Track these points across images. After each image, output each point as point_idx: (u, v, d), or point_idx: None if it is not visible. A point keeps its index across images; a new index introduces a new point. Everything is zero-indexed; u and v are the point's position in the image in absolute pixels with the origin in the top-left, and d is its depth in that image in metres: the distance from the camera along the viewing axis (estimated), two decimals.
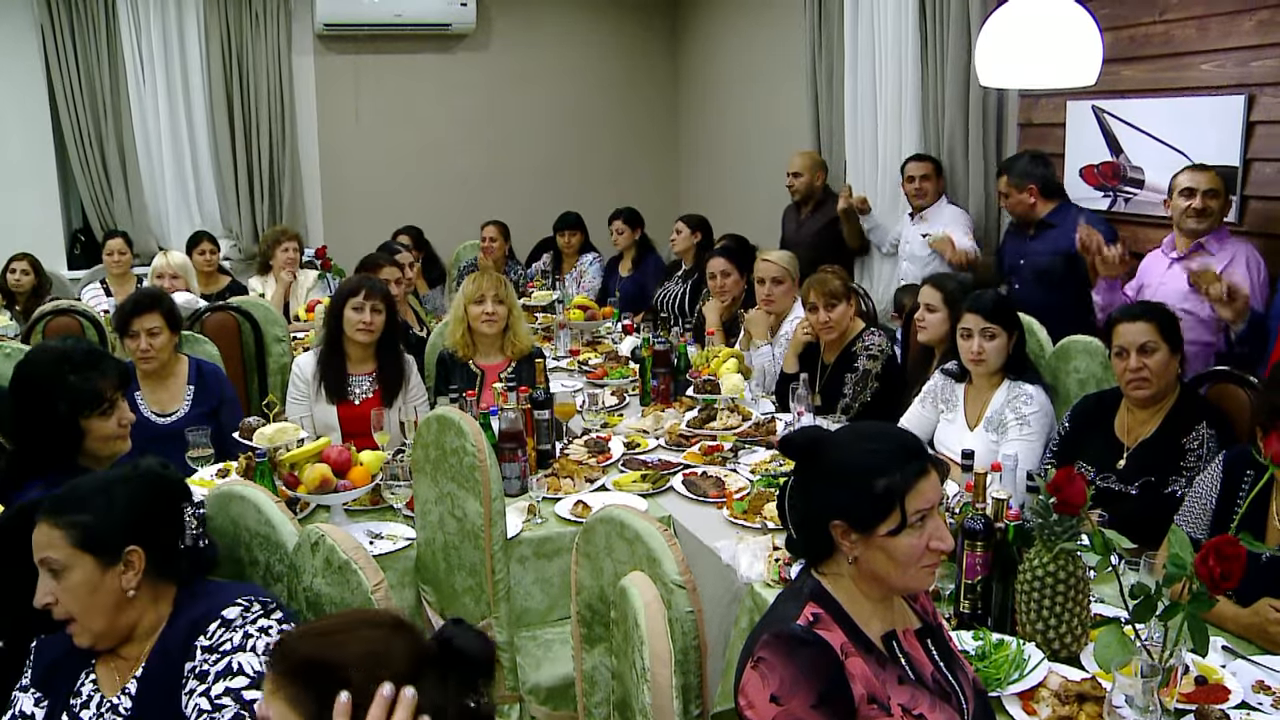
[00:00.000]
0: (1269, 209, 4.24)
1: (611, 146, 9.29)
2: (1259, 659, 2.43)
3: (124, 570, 2.04)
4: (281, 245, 6.55)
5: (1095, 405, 3.54)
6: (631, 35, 9.28)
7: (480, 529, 3.00)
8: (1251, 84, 4.33)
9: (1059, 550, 2.37)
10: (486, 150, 8.93)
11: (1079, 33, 3.51)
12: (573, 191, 8.41)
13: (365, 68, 8.56)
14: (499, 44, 8.91)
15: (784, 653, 1.83)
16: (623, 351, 5.33)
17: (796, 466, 2.01)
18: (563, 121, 9.13)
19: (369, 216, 8.20)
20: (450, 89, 8.82)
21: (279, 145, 8.16)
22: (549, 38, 9.00)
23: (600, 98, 9.23)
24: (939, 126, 5.80)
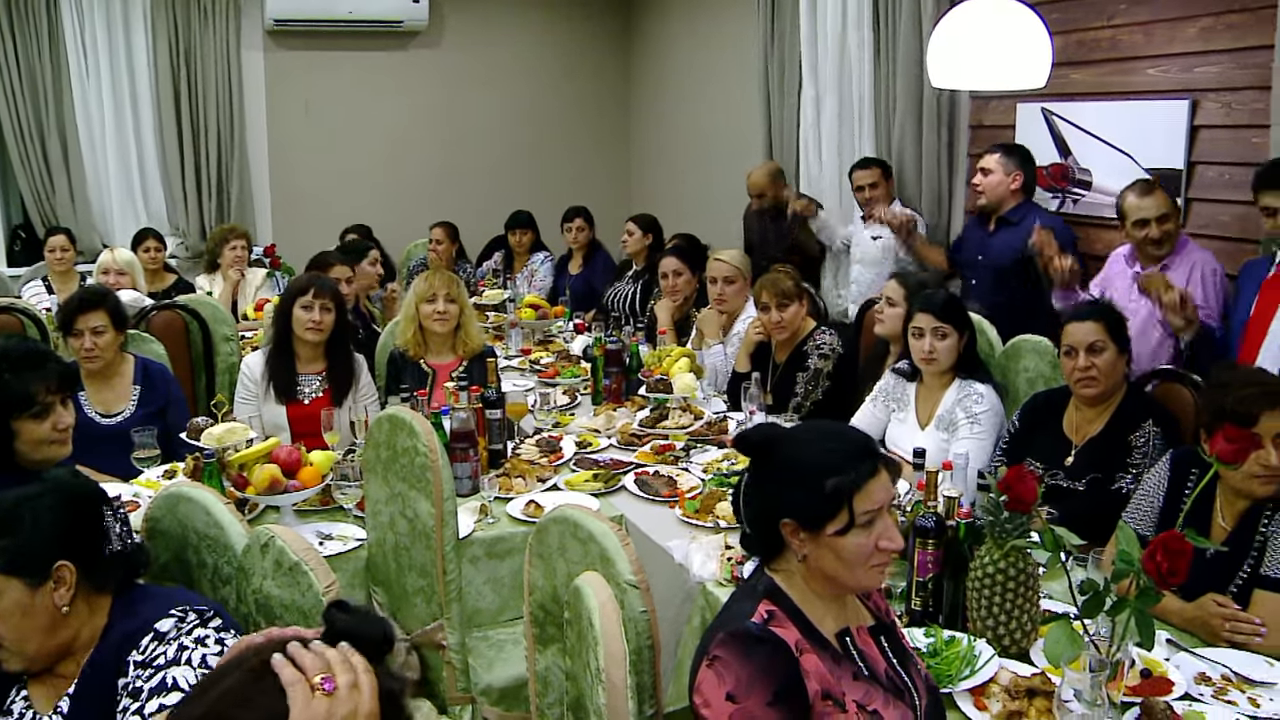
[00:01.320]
0: (1212, 211, 4.30)
1: (563, 145, 9.27)
2: (1201, 652, 2.48)
3: (55, 587, 1.96)
4: (229, 243, 6.47)
5: (1044, 404, 3.58)
6: (584, 34, 9.27)
7: (431, 529, 2.98)
8: (1195, 89, 4.40)
9: (1009, 547, 2.39)
10: (438, 148, 8.89)
11: (1029, 36, 3.56)
12: (524, 190, 8.38)
13: (316, 64, 8.48)
14: (451, 41, 8.87)
15: (739, 651, 1.84)
16: (574, 351, 5.33)
17: (751, 464, 2.01)
18: (515, 120, 9.10)
19: (319, 214, 8.13)
20: (402, 87, 8.76)
21: (228, 142, 8.06)
22: (501, 36, 8.97)
23: (552, 96, 9.21)
24: (890, 127, 5.84)
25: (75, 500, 2.06)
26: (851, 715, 1.87)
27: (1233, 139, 4.26)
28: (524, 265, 7.24)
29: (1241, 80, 4.20)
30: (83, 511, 2.06)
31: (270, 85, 8.36)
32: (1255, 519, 2.66)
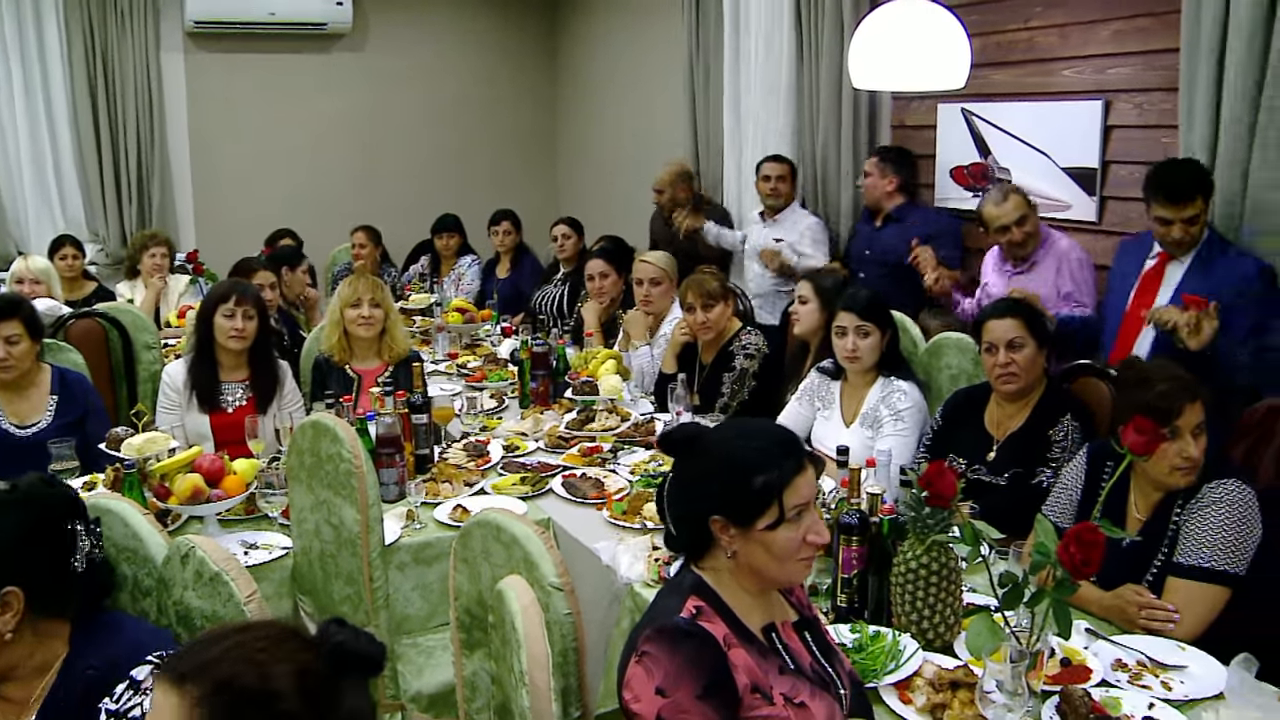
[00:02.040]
0: (1125, 209, 4.40)
1: (490, 148, 9.24)
2: (1118, 639, 2.53)
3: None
4: (150, 250, 6.35)
5: (966, 400, 3.64)
6: (510, 36, 9.25)
7: (357, 536, 2.96)
8: (1108, 90, 4.50)
9: (931, 542, 2.42)
10: (364, 152, 8.82)
11: (948, 38, 3.61)
12: (451, 193, 8.35)
13: (238, 67, 8.37)
14: (376, 44, 8.80)
15: (668, 645, 1.84)
16: (501, 354, 5.31)
17: (675, 463, 2.02)
18: (441, 123, 9.06)
19: (243, 219, 8.02)
20: (327, 89, 8.68)
21: (148, 146, 7.91)
22: (427, 38, 8.92)
23: (478, 99, 9.18)
24: (813, 128, 5.90)
25: (42, 514, 1.98)
26: (779, 708, 1.88)
27: (1144, 138, 4.36)
28: (451, 269, 7.19)
29: (1152, 82, 4.31)
30: (47, 527, 1.98)
31: (191, 88, 8.24)
32: (1168, 509, 2.73)
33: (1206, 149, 3.87)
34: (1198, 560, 2.61)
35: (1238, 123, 3.74)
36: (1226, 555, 2.59)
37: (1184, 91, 3.94)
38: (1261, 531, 2.65)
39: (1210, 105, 3.83)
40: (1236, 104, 3.72)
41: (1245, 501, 2.64)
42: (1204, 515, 2.65)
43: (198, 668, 1.34)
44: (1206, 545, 2.61)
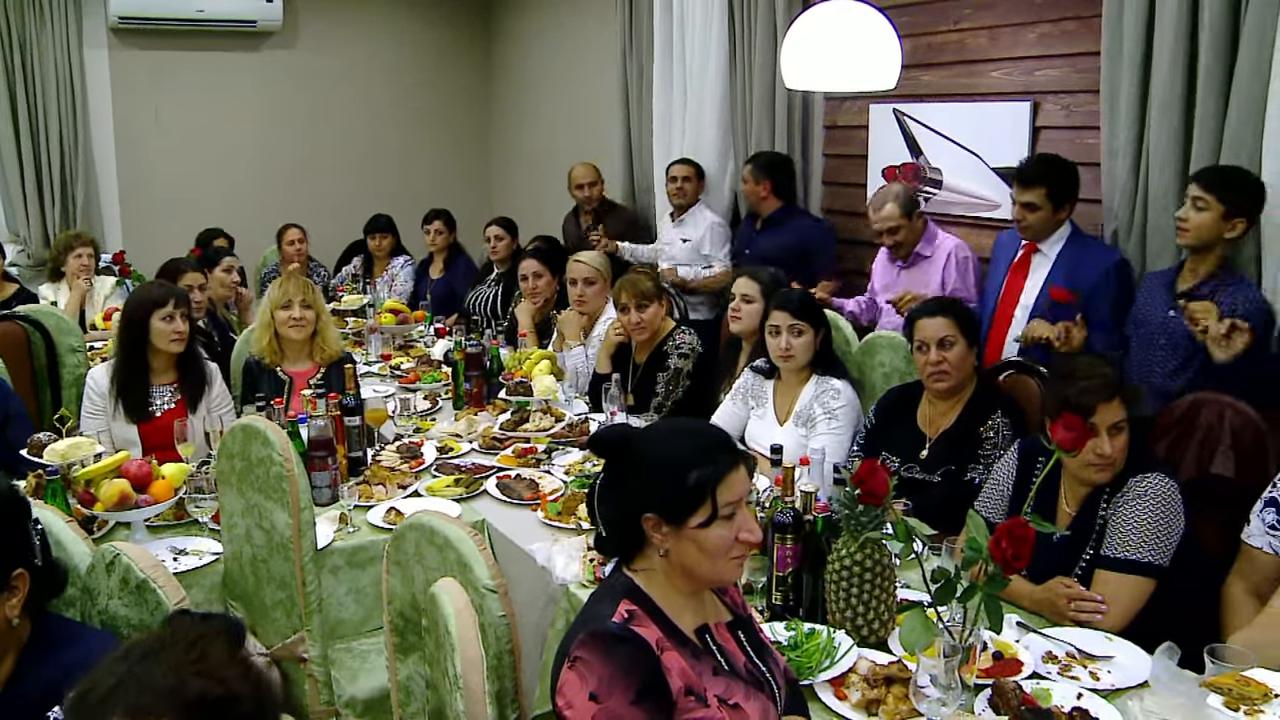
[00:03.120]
0: None
1: (423, 147, 9.18)
2: (1048, 632, 2.57)
3: (8, 597, 1.86)
4: (74, 251, 6.20)
5: (898, 398, 3.68)
6: (443, 35, 9.20)
7: (289, 540, 2.92)
8: (1036, 91, 4.58)
9: (865, 539, 2.44)
10: (295, 151, 8.72)
11: (879, 39, 3.64)
12: (384, 193, 8.28)
13: (165, 64, 8.22)
14: (307, 42, 8.71)
15: (601, 651, 1.84)
16: (435, 355, 5.27)
17: (606, 464, 2.02)
18: (373, 122, 8.99)
19: (171, 220, 7.88)
20: (257, 88, 8.57)
21: (71, 144, 7.73)
22: (359, 36, 8.85)
23: (411, 98, 9.12)
24: (746, 128, 5.93)
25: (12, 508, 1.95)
26: (714, 710, 1.88)
27: (1070, 139, 4.43)
28: (384, 270, 7.13)
29: (1077, 84, 4.38)
30: (19, 520, 1.96)
31: (116, 85, 8.08)
32: (1095, 503, 2.78)
33: (1131, 150, 3.95)
34: (1124, 553, 2.66)
35: (1160, 125, 3.81)
36: (1151, 547, 2.65)
37: (1105, 94, 4.03)
38: (1184, 523, 2.71)
39: (1135, 107, 3.91)
40: (1161, 106, 3.80)
41: (1168, 495, 2.70)
42: (1129, 509, 2.70)
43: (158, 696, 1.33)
44: (1132, 538, 2.66)
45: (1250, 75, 3.52)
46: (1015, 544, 2.06)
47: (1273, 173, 3.47)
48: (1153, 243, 3.92)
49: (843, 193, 5.60)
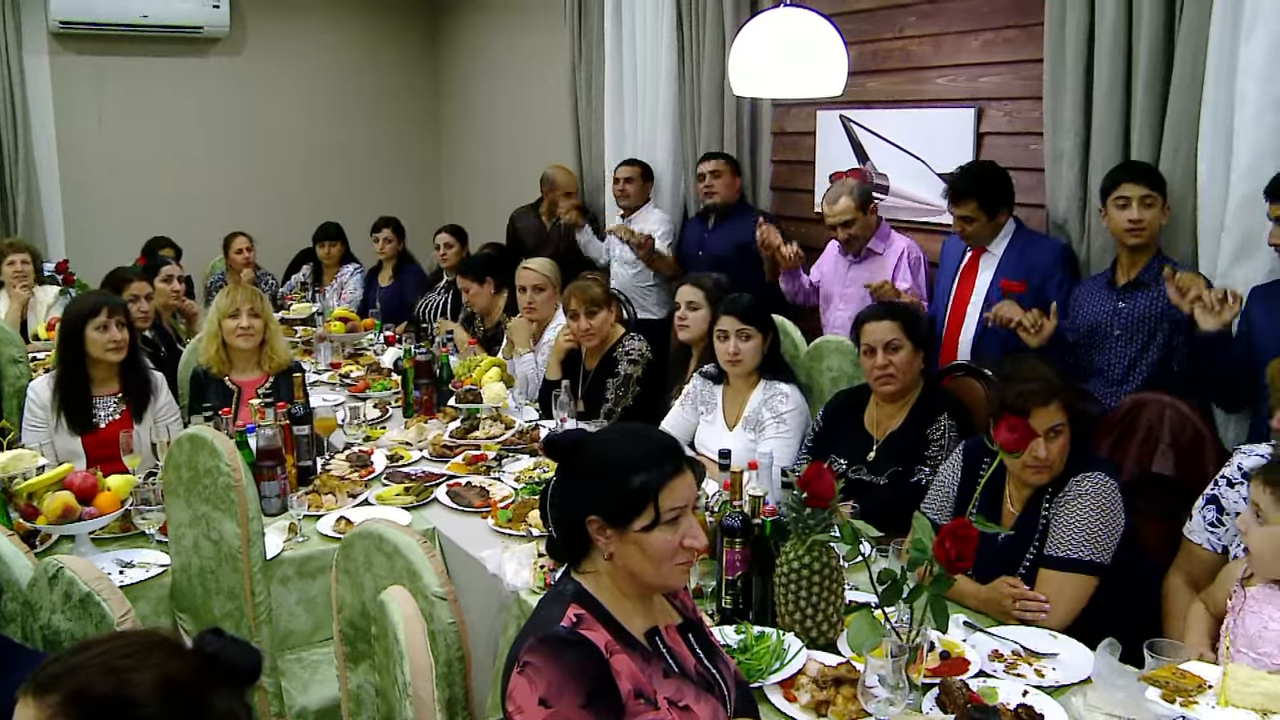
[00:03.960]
0: None
1: (372, 154, 9.14)
2: (994, 631, 2.61)
3: None
4: (7, 258, 6.08)
5: (846, 402, 3.71)
6: (392, 42, 9.16)
7: (238, 551, 2.90)
8: (980, 98, 4.63)
9: (812, 542, 2.46)
10: (242, 158, 8.65)
11: (826, 46, 3.67)
12: (333, 201, 8.22)
13: (108, 70, 8.13)
14: (254, 48, 8.64)
15: (550, 655, 1.84)
16: (385, 363, 5.25)
17: (559, 467, 2.03)
18: (322, 129, 8.92)
19: (116, 228, 7.78)
20: (203, 94, 8.48)
21: (10, 151, 7.59)
22: (307, 43, 8.79)
23: (360, 105, 9.07)
24: (695, 134, 5.96)
25: None
26: (664, 712, 1.89)
27: (1013, 145, 4.49)
28: (333, 278, 7.10)
29: (1020, 90, 4.44)
30: None
31: (58, 91, 7.97)
32: (1038, 503, 2.82)
33: (1074, 156, 4.01)
34: (1066, 552, 2.71)
35: (1102, 130, 3.88)
36: (1092, 546, 2.69)
37: (1048, 101, 4.08)
38: (1125, 521, 2.76)
39: (1077, 113, 3.97)
40: (1102, 113, 3.87)
41: (1109, 493, 2.74)
42: (1071, 508, 2.74)
43: (56, 678, 1.32)
44: (1074, 537, 2.71)
45: (1186, 82, 3.59)
46: (959, 545, 2.09)
47: (1206, 174, 3.55)
48: (1095, 245, 3.98)
49: (791, 198, 5.64)
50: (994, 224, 4.12)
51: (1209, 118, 3.52)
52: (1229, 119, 3.47)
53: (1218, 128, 3.50)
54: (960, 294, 4.24)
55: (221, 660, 1.38)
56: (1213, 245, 3.58)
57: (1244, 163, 3.42)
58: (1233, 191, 3.47)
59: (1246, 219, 3.45)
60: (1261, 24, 3.33)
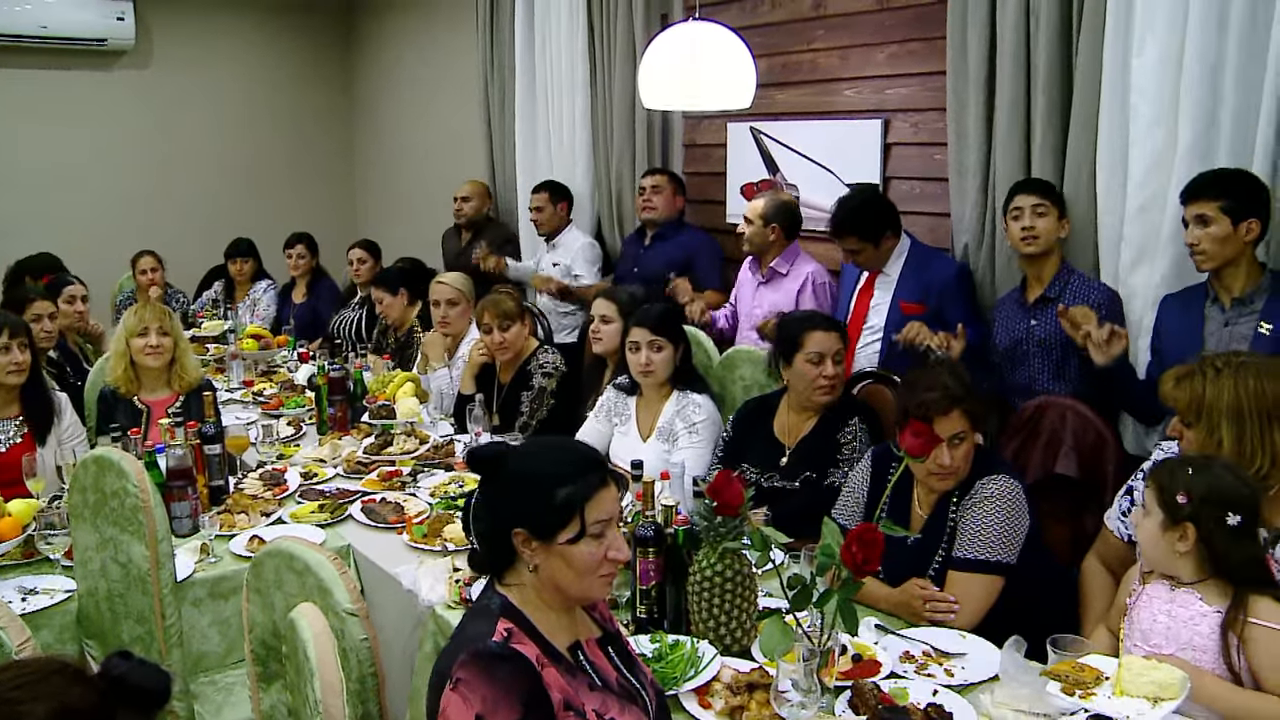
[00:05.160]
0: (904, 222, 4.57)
1: (284, 170, 9.04)
2: (905, 632, 2.66)
3: None
4: None
5: (755, 410, 3.74)
6: (304, 56, 9.07)
7: (147, 573, 2.86)
8: (886, 110, 4.72)
9: (724, 550, 2.49)
10: (149, 174, 8.50)
11: (734, 60, 3.72)
12: (244, 217, 8.12)
13: (6, 83, 7.94)
14: (162, 62, 8.50)
15: (483, 670, 1.83)
16: (299, 380, 5.20)
17: (482, 480, 2.03)
18: (233, 144, 8.81)
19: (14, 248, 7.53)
20: (109, 109, 8.33)
21: None
22: (216, 57, 8.67)
23: (271, 120, 8.97)
24: (608, 148, 5.99)
25: None
26: None
27: (919, 155, 4.59)
28: (246, 294, 7.01)
29: (925, 102, 4.53)
30: None
31: None
32: (946, 506, 2.88)
33: (978, 166, 4.09)
34: (973, 553, 2.76)
35: (1005, 141, 3.97)
36: (999, 547, 2.75)
37: (951, 112, 4.17)
38: (1030, 521, 2.83)
39: (980, 125, 4.06)
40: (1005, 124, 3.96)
41: (1014, 495, 2.81)
42: (976, 511, 2.80)
43: None
44: (980, 539, 2.77)
45: (1083, 95, 3.70)
46: (865, 549, 2.12)
47: (1104, 184, 3.66)
48: (1001, 255, 4.07)
49: (703, 210, 5.69)
50: (881, 250, 4.18)
51: (1105, 129, 3.62)
52: (1124, 130, 3.58)
53: (1114, 139, 3.61)
54: (856, 313, 4.30)
55: (128, 684, 1.36)
56: (1113, 254, 3.69)
57: (1139, 172, 3.54)
58: (1129, 200, 3.58)
59: (1143, 226, 3.56)
60: (1151, 39, 3.45)
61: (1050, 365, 3.75)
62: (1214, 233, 3.15)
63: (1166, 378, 2.65)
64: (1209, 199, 3.15)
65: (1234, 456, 2.46)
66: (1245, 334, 3.18)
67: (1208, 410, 2.53)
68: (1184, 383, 2.58)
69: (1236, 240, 3.15)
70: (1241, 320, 3.21)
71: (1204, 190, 3.18)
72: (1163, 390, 2.65)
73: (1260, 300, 3.18)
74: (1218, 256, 3.18)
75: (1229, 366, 2.54)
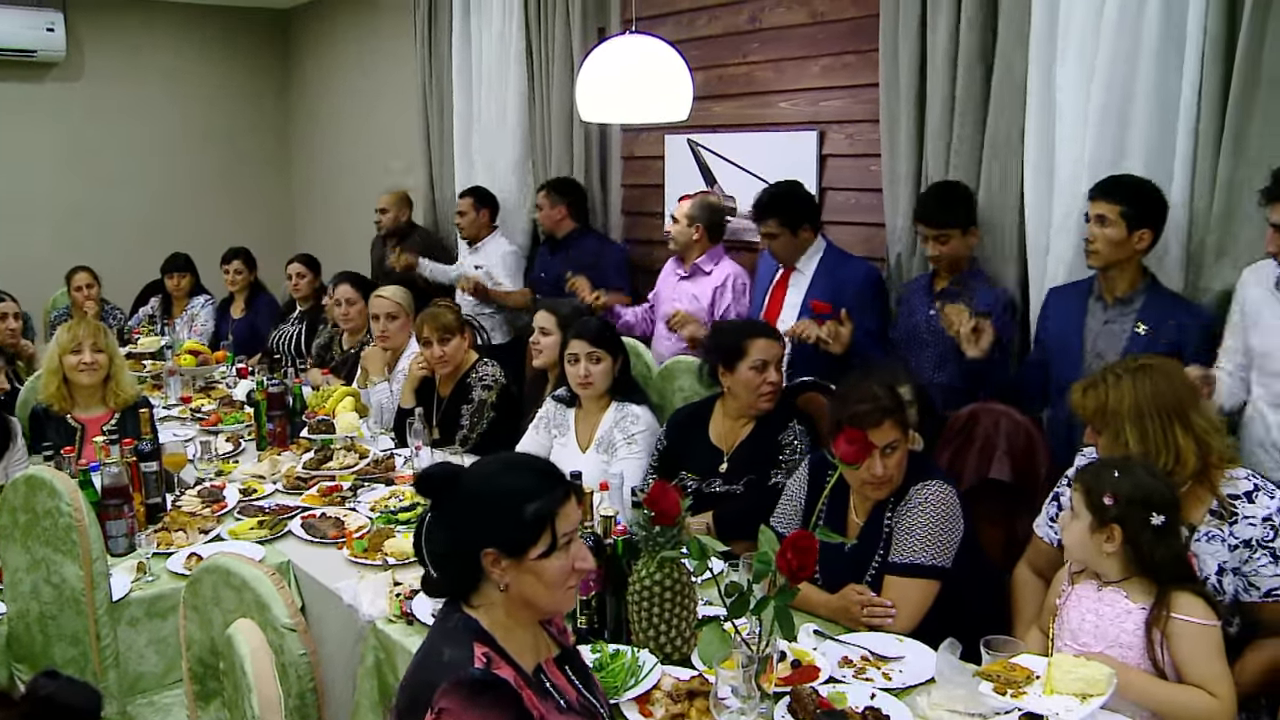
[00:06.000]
0: (840, 233, 4.67)
1: (221, 183, 8.97)
2: (843, 637, 2.69)
3: None
4: None
5: (689, 418, 3.79)
6: (240, 66, 9.01)
7: (81, 594, 2.83)
8: (821, 121, 4.78)
9: (662, 559, 2.50)
10: (83, 188, 8.40)
11: (671, 72, 3.75)
12: (181, 231, 8.06)
13: None
14: (94, 74, 8.41)
15: (467, 699, 1.80)
16: (238, 396, 5.16)
17: (434, 502, 1.99)
18: (167, 158, 8.73)
19: None
20: (39, 122, 8.24)
21: None
22: (150, 69, 8.60)
23: (207, 133, 8.90)
24: (546, 159, 6.01)
25: None
26: None
27: (854, 166, 4.65)
28: (183, 310, 6.93)
29: (859, 114, 4.60)
30: None
31: None
32: (882, 513, 2.92)
33: (910, 177, 4.16)
34: (908, 558, 2.81)
35: (935, 153, 4.05)
36: (934, 551, 2.80)
37: (884, 124, 4.24)
38: (964, 525, 2.88)
39: (912, 136, 4.13)
40: (935, 135, 4.04)
41: (948, 500, 2.86)
42: (912, 516, 2.85)
43: None
44: (915, 544, 2.81)
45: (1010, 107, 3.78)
46: (800, 555, 2.14)
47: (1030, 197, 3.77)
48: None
49: (641, 221, 5.73)
50: (798, 241, 4.32)
51: (1032, 139, 3.71)
52: (1050, 141, 3.67)
53: (1041, 150, 3.70)
54: (770, 310, 4.42)
55: (56, 703, 1.34)
56: (1040, 263, 3.78)
57: (1063, 181, 3.64)
58: (1055, 211, 3.67)
59: (1067, 237, 3.66)
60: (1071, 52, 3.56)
61: (936, 355, 3.90)
62: (1109, 234, 3.32)
63: (1075, 389, 2.76)
64: (1111, 201, 3.32)
65: (1140, 457, 2.54)
66: (1122, 333, 3.37)
67: (1112, 415, 2.63)
68: (1090, 391, 2.69)
69: (1128, 246, 3.32)
70: (1120, 319, 3.39)
71: (1109, 192, 3.34)
72: (1073, 401, 2.75)
73: (1139, 301, 3.37)
74: (1108, 257, 3.36)
75: (1128, 372, 2.65)
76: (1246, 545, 2.54)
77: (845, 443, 2.49)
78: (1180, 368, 2.76)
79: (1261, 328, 3.10)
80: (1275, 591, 2.52)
